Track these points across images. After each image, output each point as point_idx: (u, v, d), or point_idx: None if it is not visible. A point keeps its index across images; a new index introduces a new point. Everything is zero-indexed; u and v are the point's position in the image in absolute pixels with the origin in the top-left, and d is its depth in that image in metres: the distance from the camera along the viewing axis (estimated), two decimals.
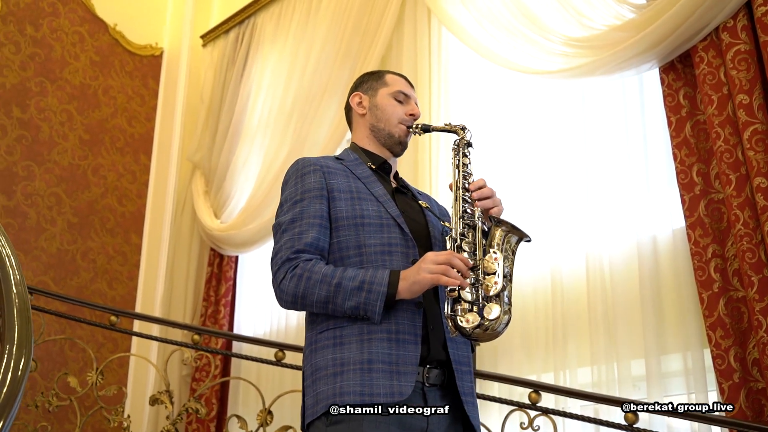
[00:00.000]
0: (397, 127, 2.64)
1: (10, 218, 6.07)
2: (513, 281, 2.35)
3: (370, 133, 2.68)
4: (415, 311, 2.31)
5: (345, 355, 2.26)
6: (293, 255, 2.34)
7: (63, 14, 6.69)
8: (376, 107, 2.67)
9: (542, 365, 4.22)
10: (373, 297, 2.24)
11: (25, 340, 1.98)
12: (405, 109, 2.66)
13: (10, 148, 6.18)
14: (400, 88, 2.70)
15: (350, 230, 2.40)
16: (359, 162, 2.61)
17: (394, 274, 2.27)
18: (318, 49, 5.79)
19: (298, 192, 2.46)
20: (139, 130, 6.97)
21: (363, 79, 2.78)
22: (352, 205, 2.44)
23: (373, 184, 2.52)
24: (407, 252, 2.39)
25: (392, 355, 2.24)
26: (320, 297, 2.28)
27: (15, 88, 6.29)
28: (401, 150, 2.69)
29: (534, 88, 4.67)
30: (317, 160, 2.55)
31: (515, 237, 2.37)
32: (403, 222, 2.43)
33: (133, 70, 7.05)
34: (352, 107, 2.75)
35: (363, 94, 2.73)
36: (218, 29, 6.90)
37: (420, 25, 5.28)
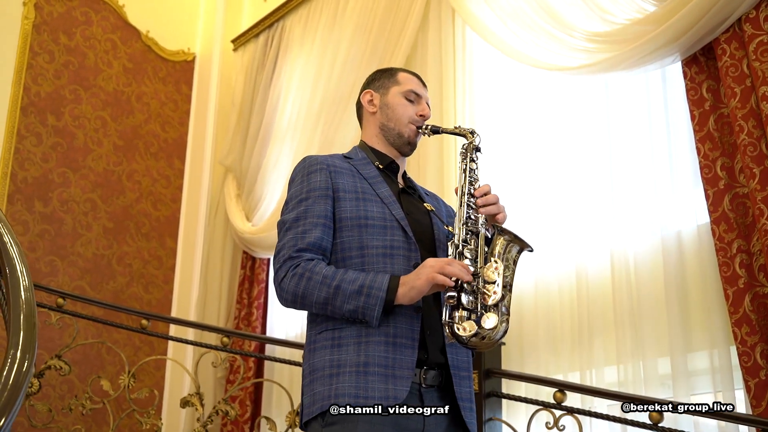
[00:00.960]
0: (407, 127, 2.63)
1: (47, 224, 6.18)
2: (514, 290, 2.37)
3: (379, 132, 2.68)
4: (413, 315, 2.31)
5: (342, 357, 2.26)
6: (295, 254, 2.35)
7: (96, 22, 6.79)
8: (387, 106, 2.67)
9: (568, 364, 4.18)
10: (372, 302, 2.23)
11: (30, 345, 2.01)
12: (416, 109, 2.65)
13: (45, 156, 6.28)
14: (412, 87, 2.68)
15: (353, 231, 2.40)
16: (367, 161, 2.61)
17: (394, 279, 2.27)
18: (344, 50, 5.80)
19: (304, 191, 2.46)
20: (173, 135, 7.05)
21: (375, 77, 2.77)
22: (356, 205, 2.43)
23: (379, 185, 2.51)
24: (409, 255, 2.38)
25: (388, 358, 2.24)
26: (319, 298, 2.28)
27: (50, 96, 6.40)
28: (410, 150, 2.68)
29: (557, 85, 4.64)
30: (324, 159, 2.54)
31: (517, 247, 2.36)
32: (407, 225, 2.42)
33: (166, 76, 7.13)
34: (362, 105, 2.74)
35: (374, 92, 2.72)
36: (248, 33, 6.95)
37: (444, 24, 5.27)
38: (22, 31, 6.34)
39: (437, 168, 4.97)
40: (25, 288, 2.22)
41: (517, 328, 4.39)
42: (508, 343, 4.30)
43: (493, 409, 3.97)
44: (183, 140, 7.11)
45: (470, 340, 2.22)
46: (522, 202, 4.59)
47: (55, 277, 6.13)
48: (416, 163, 5.01)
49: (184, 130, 7.14)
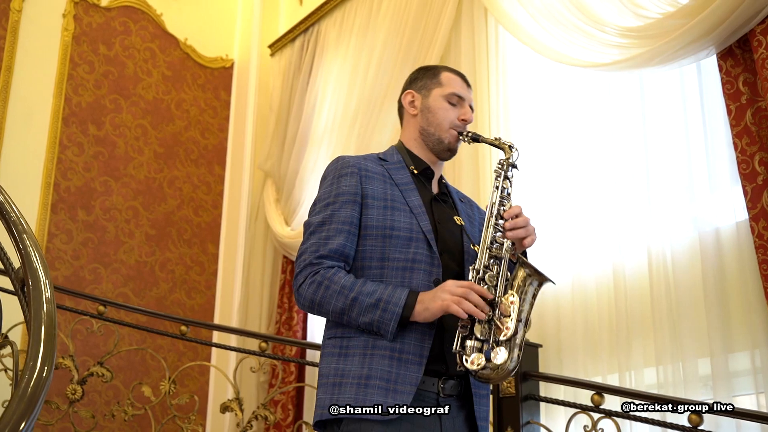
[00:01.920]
0: (448, 133, 2.54)
1: (90, 233, 6.26)
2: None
3: (418, 136, 2.59)
4: (425, 332, 2.27)
5: (347, 367, 2.25)
6: (316, 260, 2.33)
7: (134, 32, 6.86)
8: (428, 110, 2.57)
9: (607, 366, 4.11)
10: (387, 317, 2.21)
11: (48, 356, 2.04)
12: (458, 113, 2.56)
13: (87, 165, 6.37)
14: (455, 89, 2.58)
15: (377, 241, 2.36)
16: (401, 165, 2.54)
17: (413, 295, 2.24)
18: (378, 52, 5.79)
19: (332, 194, 2.42)
20: (213, 141, 7.10)
21: (417, 75, 2.68)
22: (383, 214, 2.38)
23: (410, 193, 2.45)
24: (431, 270, 2.34)
25: (392, 373, 2.22)
26: (336, 308, 2.27)
27: (90, 106, 6.48)
28: (449, 156, 2.60)
29: (592, 82, 4.57)
30: (357, 162, 2.48)
31: (537, 281, 2.30)
32: (432, 238, 2.37)
33: (205, 83, 7.19)
34: (403, 105, 2.66)
35: (416, 93, 2.62)
36: (284, 38, 6.97)
37: (477, 23, 5.22)
38: (62, 42, 6.44)
39: (472, 171, 4.92)
40: (47, 300, 2.23)
41: (555, 329, 4.33)
42: (546, 345, 4.25)
43: (531, 413, 3.92)
44: (223, 146, 7.15)
45: (478, 372, 2.20)
46: (558, 200, 4.54)
47: (98, 284, 6.21)
48: (451, 166, 4.97)
49: (224, 136, 7.18)
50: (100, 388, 5.84)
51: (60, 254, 6.10)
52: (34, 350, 2.06)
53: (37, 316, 2.19)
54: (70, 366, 4.76)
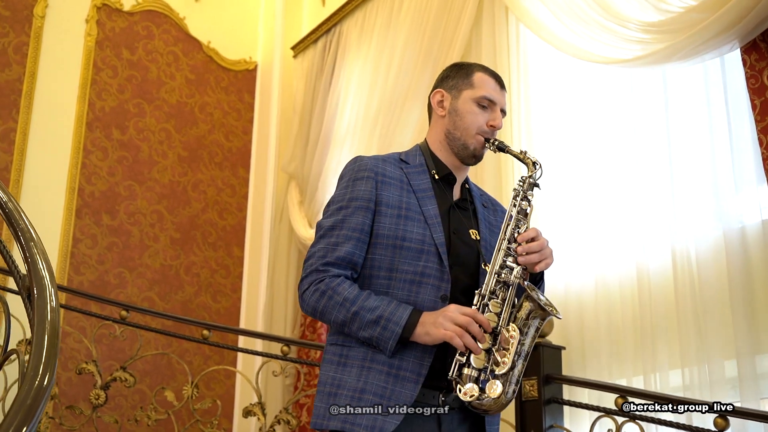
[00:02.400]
0: (474, 138, 2.42)
1: (115, 237, 6.28)
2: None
3: (444, 138, 2.48)
4: (426, 349, 2.21)
5: (344, 377, 2.23)
6: (322, 267, 2.28)
7: (157, 36, 6.87)
8: (456, 112, 2.45)
9: (632, 368, 4.03)
10: (387, 335, 2.17)
11: (50, 365, 2.03)
12: (487, 118, 2.43)
13: (111, 169, 6.38)
14: (486, 92, 2.44)
15: (387, 251, 2.30)
16: (423, 169, 2.45)
17: (415, 315, 2.19)
18: (400, 52, 5.74)
19: (346, 198, 2.36)
20: (237, 144, 7.09)
21: (449, 73, 2.55)
22: (396, 223, 2.32)
23: (427, 201, 2.38)
24: (439, 285, 2.27)
25: (387, 389, 2.18)
26: (338, 319, 2.24)
27: (114, 111, 6.50)
28: (474, 162, 2.50)
29: (614, 79, 4.50)
30: (375, 165, 2.40)
31: (542, 315, 2.22)
32: (444, 251, 2.30)
33: (229, 86, 7.18)
34: (432, 104, 2.55)
35: (446, 93, 2.49)
36: (307, 39, 6.94)
37: (498, 21, 5.16)
38: (85, 47, 6.46)
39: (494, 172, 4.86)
40: (51, 309, 2.21)
41: (578, 330, 4.26)
42: (570, 347, 4.18)
43: (554, 416, 3.85)
44: (247, 149, 7.15)
45: (472, 403, 2.16)
46: (581, 199, 4.47)
47: (124, 288, 6.22)
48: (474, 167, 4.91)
49: (248, 139, 7.17)
50: (126, 393, 5.85)
51: (85, 259, 6.11)
52: (36, 359, 2.04)
53: (41, 325, 2.17)
54: (93, 371, 4.76)
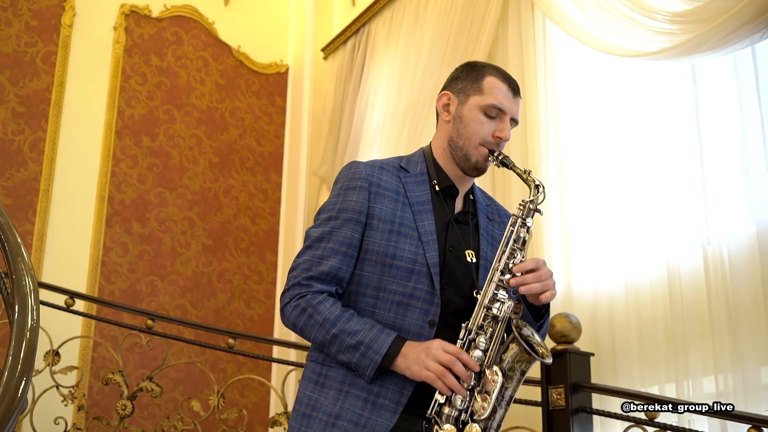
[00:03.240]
0: (477, 150, 2.25)
1: (146, 245, 6.24)
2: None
3: (447, 146, 2.31)
4: (407, 378, 2.09)
5: (320, 399, 2.12)
6: (305, 281, 2.17)
7: (186, 41, 6.83)
8: (461, 119, 2.28)
9: (664, 374, 3.84)
10: (366, 362, 2.06)
11: (23, 377, 2.04)
12: (493, 128, 2.25)
13: (142, 177, 6.36)
14: (495, 101, 2.25)
15: (375, 268, 2.17)
16: (423, 179, 2.30)
17: (397, 343, 2.07)
18: (426, 50, 5.62)
19: (336, 207, 2.23)
20: (269, 148, 7.03)
21: (459, 75, 2.36)
22: (387, 239, 2.18)
23: (423, 216, 2.23)
24: (428, 309, 2.14)
25: (363, 417, 2.07)
26: (317, 339, 2.13)
27: (143, 118, 6.47)
28: (477, 174, 2.32)
29: (644, 74, 4.33)
30: (369, 174, 2.25)
31: (528, 360, 2.06)
32: (437, 272, 2.16)
33: (260, 90, 7.12)
34: (438, 107, 2.39)
35: (453, 96, 2.32)
36: (336, 40, 6.85)
37: (524, 16, 5.02)
38: (113, 55, 6.44)
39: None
40: (30, 328, 2.16)
41: (609, 335, 4.08)
42: (599, 353, 4.01)
43: (583, 426, 3.68)
44: (279, 153, 7.07)
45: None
46: (609, 196, 4.32)
47: (156, 297, 6.19)
48: None
49: (280, 143, 7.10)
50: (159, 401, 5.80)
51: (116, 268, 6.09)
52: (10, 375, 2.00)
53: (20, 339, 2.12)
54: (120, 381, 4.72)
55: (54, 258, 5.86)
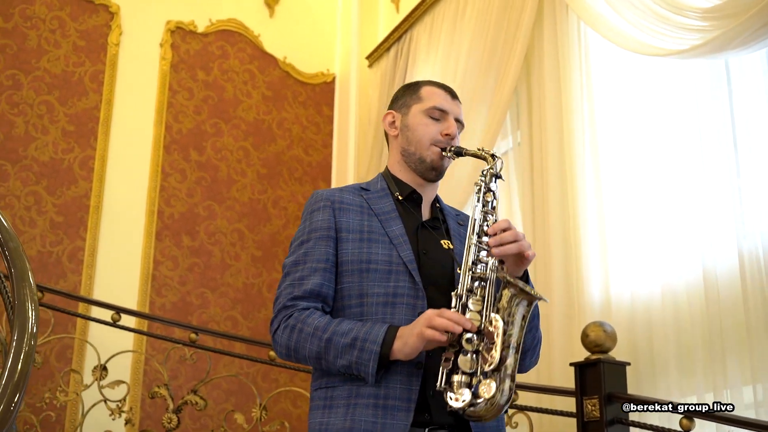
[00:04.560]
0: (429, 150, 2.31)
1: (195, 258, 6.31)
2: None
3: (401, 158, 2.37)
4: (412, 372, 2.05)
5: (331, 420, 2.06)
6: (290, 302, 2.15)
7: (232, 55, 6.90)
8: (407, 128, 2.36)
9: (703, 383, 3.71)
10: (365, 356, 2.00)
11: (16, 394, 2.08)
12: (440, 128, 2.32)
13: (190, 191, 6.43)
14: (435, 103, 2.35)
15: (354, 276, 2.17)
16: (385, 193, 2.34)
17: (392, 330, 2.03)
18: (465, 55, 5.56)
19: (305, 231, 2.26)
20: (316, 158, 7.04)
21: (398, 94, 2.47)
22: (359, 247, 2.19)
23: (390, 222, 2.25)
24: (415, 303, 2.12)
25: (377, 423, 2.01)
26: (312, 352, 2.08)
27: (191, 132, 6.55)
28: (436, 176, 2.35)
29: (678, 74, 4.21)
30: (330, 195, 2.31)
31: (526, 300, 2.03)
32: (415, 269, 2.15)
33: (306, 100, 7.14)
34: (384, 128, 2.46)
35: (396, 112, 2.42)
36: (381, 48, 6.83)
37: (559, 18, 4.94)
38: (160, 71, 6.54)
39: None
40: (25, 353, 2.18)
41: (647, 344, 3.97)
42: (636, 362, 3.90)
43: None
44: (327, 162, 7.09)
45: (466, 411, 1.95)
46: (644, 199, 4.23)
47: (206, 309, 6.25)
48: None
49: (328, 152, 7.12)
50: (208, 414, 5.86)
51: (166, 281, 6.17)
52: (4, 390, 2.03)
53: (14, 367, 2.14)
54: (165, 395, 4.77)
55: (105, 273, 5.97)
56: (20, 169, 5.89)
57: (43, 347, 5.46)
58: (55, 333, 5.40)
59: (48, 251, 5.84)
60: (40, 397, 5.18)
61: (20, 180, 5.87)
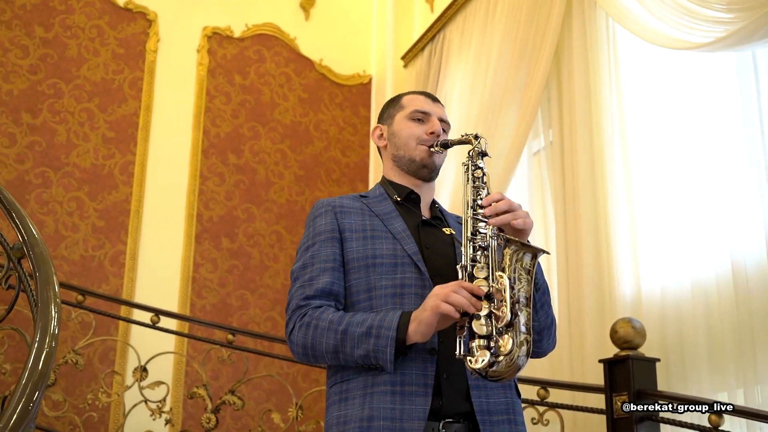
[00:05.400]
0: (417, 149, 2.39)
1: (235, 260, 6.40)
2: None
3: (393, 165, 2.45)
4: (427, 358, 2.07)
5: (349, 411, 2.08)
6: (303, 302, 2.19)
7: (269, 58, 6.97)
8: (394, 135, 2.45)
9: (734, 379, 3.66)
10: (382, 343, 2.02)
11: (42, 381, 2.17)
12: (424, 128, 2.40)
13: (229, 194, 6.52)
14: (416, 106, 2.44)
15: (361, 272, 2.21)
16: (384, 197, 2.40)
17: (405, 315, 2.04)
18: (496, 54, 5.55)
19: (310, 236, 2.32)
20: (354, 159, 7.09)
21: (383, 109, 2.58)
22: (364, 244, 2.25)
23: (392, 221, 2.30)
24: (423, 293, 2.13)
25: (395, 410, 2.02)
26: (329, 346, 2.10)
27: (229, 136, 6.64)
28: (429, 173, 2.42)
29: (707, 68, 4.16)
30: (331, 201, 2.38)
31: (529, 254, 2.04)
32: (420, 260, 2.19)
33: (343, 101, 7.19)
34: (374, 142, 2.55)
35: (382, 125, 2.52)
36: (415, 48, 6.84)
37: (588, 14, 4.91)
38: (197, 77, 6.64)
39: None
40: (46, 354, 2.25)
41: (678, 339, 3.94)
42: (666, 358, 3.87)
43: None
44: (365, 163, 7.13)
45: (488, 370, 1.95)
46: (673, 193, 4.20)
47: (246, 310, 6.33)
48: None
49: (366, 153, 7.15)
50: (245, 413, 5.92)
51: (206, 283, 6.26)
52: (23, 390, 2.10)
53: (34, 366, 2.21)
54: (203, 395, 4.84)
55: (146, 276, 6.08)
56: (62, 176, 6.03)
57: (86, 349, 5.57)
58: (98, 335, 5.52)
59: (90, 255, 5.96)
60: (83, 399, 5.30)
61: (63, 186, 6.01)
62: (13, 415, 2.01)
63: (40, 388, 2.13)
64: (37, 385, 2.13)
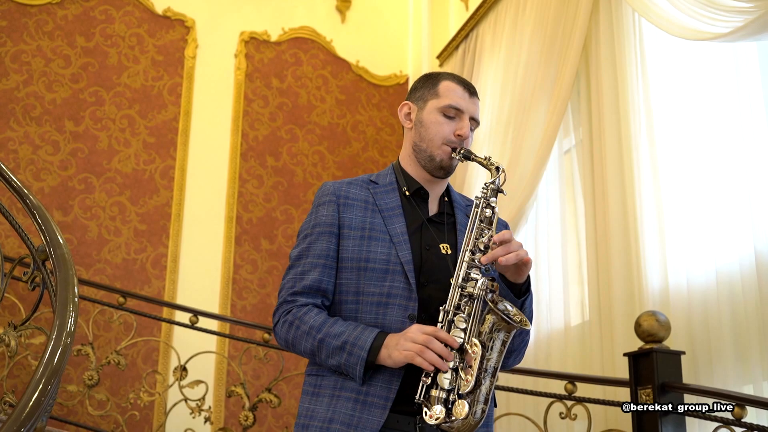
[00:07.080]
0: (440, 149, 2.32)
1: (274, 261, 6.49)
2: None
3: (412, 152, 2.40)
4: (394, 372, 2.13)
5: (316, 408, 2.18)
6: (290, 297, 2.26)
7: (305, 61, 7.06)
8: (421, 123, 2.36)
9: (760, 371, 3.63)
10: (353, 360, 2.10)
11: (56, 376, 2.24)
12: (453, 128, 2.32)
13: (267, 196, 6.62)
14: (452, 101, 2.33)
15: (352, 274, 2.25)
16: (393, 187, 2.38)
17: (380, 337, 2.12)
18: (526, 51, 5.56)
19: (311, 224, 2.34)
20: (392, 159, 7.13)
21: (417, 85, 2.47)
22: (359, 245, 2.27)
23: (393, 219, 2.30)
24: (407, 305, 2.19)
25: (354, 417, 2.11)
26: (306, 348, 2.20)
27: (267, 139, 6.73)
28: (444, 174, 2.37)
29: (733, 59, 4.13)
30: (337, 189, 2.37)
31: (505, 329, 2.07)
32: (411, 269, 2.21)
33: (380, 102, 7.24)
34: (400, 118, 2.48)
35: (413, 104, 2.42)
36: (450, 46, 6.87)
37: (615, 8, 4.89)
38: (235, 81, 6.75)
39: None
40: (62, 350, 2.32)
41: (704, 332, 3.90)
42: (694, 351, 3.84)
43: (674, 427, 3.54)
44: None
45: (441, 426, 2.04)
46: (699, 186, 4.17)
47: None
48: None
49: None
50: (293, 410, 6.01)
51: (246, 284, 6.37)
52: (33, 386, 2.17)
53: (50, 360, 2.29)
54: (241, 393, 4.94)
55: (187, 278, 6.20)
56: (105, 181, 6.18)
57: (129, 350, 5.71)
58: (141, 336, 5.66)
59: (133, 258, 6.11)
60: (126, 398, 5.43)
61: (105, 191, 6.16)
62: (26, 406, 2.08)
63: (53, 382, 2.21)
64: (50, 379, 2.21)
